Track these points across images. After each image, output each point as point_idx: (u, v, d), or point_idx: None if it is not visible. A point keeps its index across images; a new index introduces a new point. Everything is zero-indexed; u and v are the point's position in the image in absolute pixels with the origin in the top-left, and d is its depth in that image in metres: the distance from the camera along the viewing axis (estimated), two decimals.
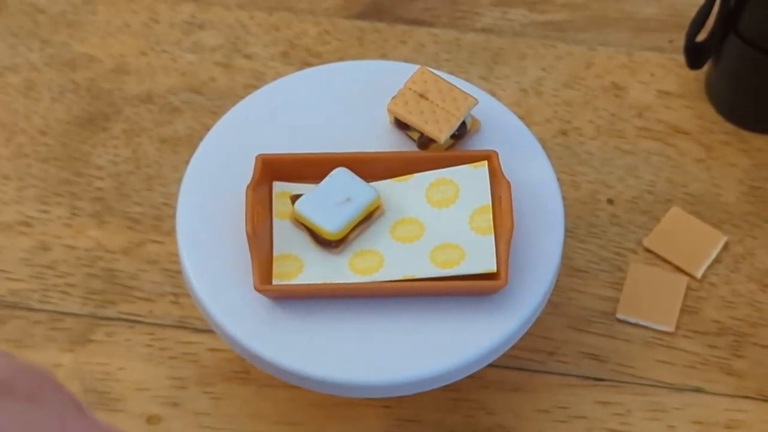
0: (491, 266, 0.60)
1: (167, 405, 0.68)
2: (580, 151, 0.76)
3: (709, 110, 0.78)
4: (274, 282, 0.60)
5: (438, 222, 0.62)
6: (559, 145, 0.76)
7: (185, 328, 0.71)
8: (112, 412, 0.68)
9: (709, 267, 0.73)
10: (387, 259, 0.61)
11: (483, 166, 0.63)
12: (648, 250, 0.73)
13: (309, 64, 0.80)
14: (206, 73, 0.79)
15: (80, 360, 0.69)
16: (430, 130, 0.63)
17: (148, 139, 0.77)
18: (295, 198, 0.62)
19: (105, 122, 0.78)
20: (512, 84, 0.79)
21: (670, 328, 0.70)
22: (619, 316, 0.71)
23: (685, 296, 0.72)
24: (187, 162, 0.66)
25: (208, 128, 0.69)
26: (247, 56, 0.80)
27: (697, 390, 0.69)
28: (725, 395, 0.69)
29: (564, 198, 0.65)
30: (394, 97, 0.65)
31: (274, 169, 0.63)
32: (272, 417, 0.68)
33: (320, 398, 0.67)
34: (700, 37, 0.76)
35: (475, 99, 0.64)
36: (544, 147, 0.67)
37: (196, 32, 0.81)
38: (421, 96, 0.64)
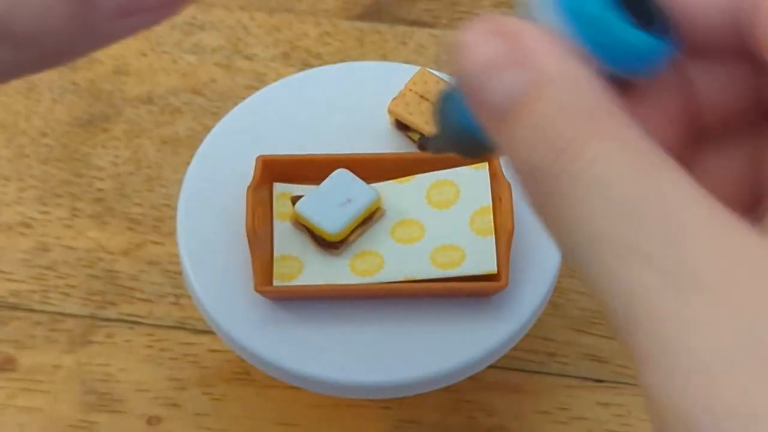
0: (492, 267, 0.60)
1: (167, 406, 0.68)
2: None
3: None
4: (275, 283, 0.60)
5: (438, 223, 0.62)
6: None
7: (186, 329, 0.71)
8: (112, 413, 0.68)
9: None
10: (387, 260, 0.61)
11: (483, 167, 0.63)
12: None
13: (309, 65, 0.80)
14: (207, 74, 0.79)
15: (81, 361, 0.69)
16: (431, 131, 0.63)
17: (149, 140, 0.77)
18: (295, 199, 0.62)
19: (105, 123, 0.78)
20: None
21: None
22: None
23: None
24: (187, 163, 0.66)
25: (208, 129, 0.69)
26: (248, 57, 0.80)
27: None
28: None
29: None
30: (394, 98, 0.65)
31: (275, 171, 0.63)
32: (272, 418, 0.68)
33: (320, 399, 0.67)
34: None
35: None
36: None
37: (197, 33, 0.81)
38: (422, 97, 0.64)
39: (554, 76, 0.32)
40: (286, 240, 0.62)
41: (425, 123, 0.63)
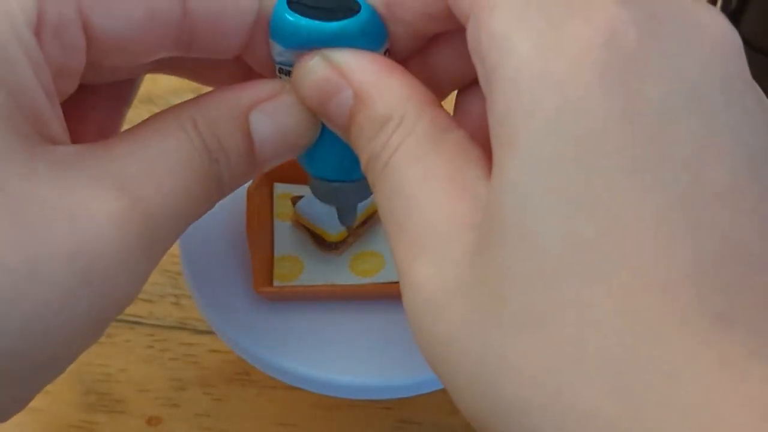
0: None
1: (168, 406, 0.68)
2: None
3: None
4: (275, 283, 0.60)
5: None
6: None
7: (186, 329, 0.71)
8: (112, 414, 0.68)
9: None
10: (388, 260, 0.61)
11: None
12: None
13: None
14: None
15: (81, 361, 0.69)
16: None
17: None
18: (296, 199, 0.62)
19: None
20: None
21: None
22: None
23: None
24: None
25: None
26: None
27: None
28: None
29: None
30: None
31: (276, 171, 0.63)
32: (272, 418, 0.68)
33: (321, 399, 0.67)
34: None
35: None
36: None
37: None
38: None
39: (366, 89, 0.40)
40: (286, 240, 0.62)
41: None
